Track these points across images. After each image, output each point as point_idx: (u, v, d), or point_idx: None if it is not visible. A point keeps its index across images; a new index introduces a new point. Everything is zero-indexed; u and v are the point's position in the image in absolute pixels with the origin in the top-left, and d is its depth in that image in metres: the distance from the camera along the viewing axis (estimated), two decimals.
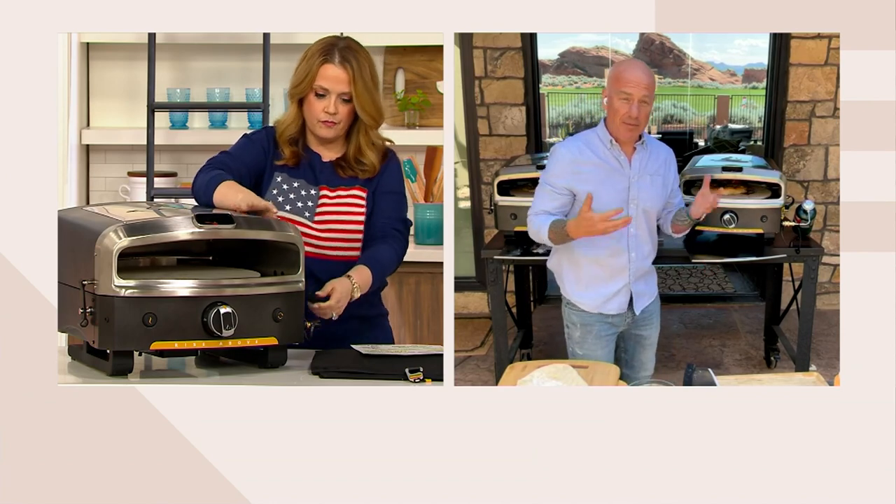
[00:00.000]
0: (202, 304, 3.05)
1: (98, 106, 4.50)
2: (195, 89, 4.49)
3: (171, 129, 4.49)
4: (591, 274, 3.87)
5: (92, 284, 3.02)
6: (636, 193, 3.81)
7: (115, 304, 2.99)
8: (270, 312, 3.14)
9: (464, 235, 6.30)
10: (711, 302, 6.65)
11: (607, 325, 3.91)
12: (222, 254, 3.39)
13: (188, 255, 3.39)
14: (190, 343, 3.06)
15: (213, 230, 3.12)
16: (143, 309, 3.01)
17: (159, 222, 3.11)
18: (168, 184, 4.49)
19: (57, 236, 3.14)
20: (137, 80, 4.41)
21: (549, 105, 7.71)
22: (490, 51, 6.06)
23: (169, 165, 4.58)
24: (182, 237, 3.10)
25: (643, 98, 3.73)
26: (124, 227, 3.04)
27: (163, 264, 3.37)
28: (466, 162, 6.28)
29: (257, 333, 3.13)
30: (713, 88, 8.43)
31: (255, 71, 4.30)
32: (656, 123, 8.54)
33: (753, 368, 5.41)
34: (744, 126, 8.35)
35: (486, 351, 5.68)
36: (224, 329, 3.06)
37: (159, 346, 3.04)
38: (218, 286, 3.10)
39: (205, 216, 3.12)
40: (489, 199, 4.85)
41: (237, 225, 3.15)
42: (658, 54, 8.32)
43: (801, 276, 4.59)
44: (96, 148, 4.52)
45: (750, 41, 7.80)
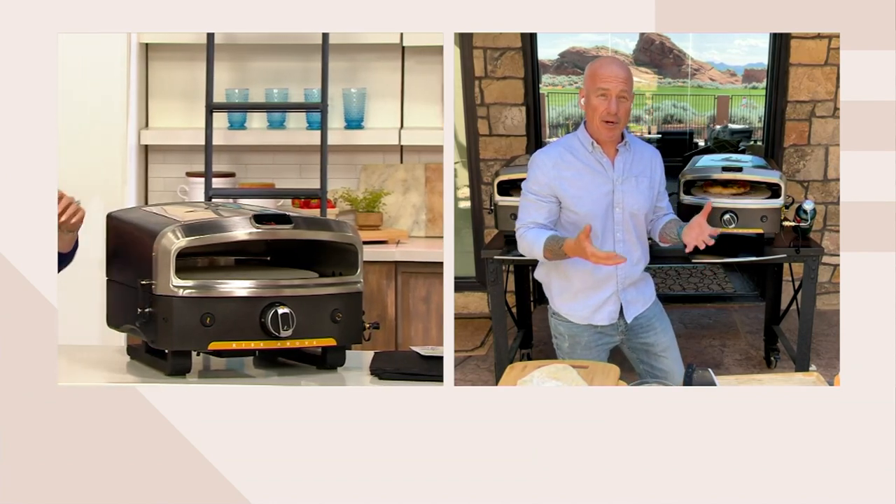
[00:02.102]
0: (260, 304, 3.07)
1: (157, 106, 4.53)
2: (254, 90, 4.52)
3: (230, 129, 4.52)
4: (579, 284, 3.77)
5: (150, 284, 3.04)
6: (621, 197, 3.71)
7: (174, 304, 3.01)
8: (329, 313, 3.15)
9: (464, 235, 6.30)
10: (711, 302, 6.65)
11: (597, 335, 3.82)
12: (280, 254, 3.39)
13: (246, 255, 3.41)
14: (248, 343, 3.07)
15: (271, 230, 3.13)
16: (201, 309, 3.03)
17: (217, 222, 3.12)
18: (226, 184, 4.51)
19: (114, 237, 3.22)
20: (196, 80, 4.44)
21: (549, 105, 7.71)
22: (490, 51, 6.06)
23: (227, 166, 4.60)
24: (240, 237, 3.12)
25: (621, 93, 3.63)
26: (182, 227, 3.06)
27: (221, 264, 3.38)
28: (466, 162, 6.28)
29: (316, 334, 3.14)
30: (713, 88, 8.43)
31: (314, 71, 4.33)
32: (656, 123, 8.54)
33: (753, 368, 5.41)
34: (744, 126, 8.36)
35: (486, 351, 5.68)
36: (282, 329, 3.07)
37: (217, 347, 3.06)
38: (276, 286, 3.11)
39: (262, 216, 3.13)
40: (489, 199, 4.85)
41: (295, 225, 3.16)
42: (658, 54, 8.32)
43: (801, 276, 4.58)
44: (155, 148, 4.55)
45: (750, 41, 7.80)
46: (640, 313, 3.85)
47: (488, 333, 5.68)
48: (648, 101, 8.64)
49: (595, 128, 3.70)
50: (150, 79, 4.49)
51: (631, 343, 3.89)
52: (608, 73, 3.66)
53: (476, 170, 6.21)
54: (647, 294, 3.89)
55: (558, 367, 3.16)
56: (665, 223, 3.86)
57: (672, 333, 3.94)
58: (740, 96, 8.40)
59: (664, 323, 3.92)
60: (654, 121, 8.52)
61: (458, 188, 6.27)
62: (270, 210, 3.29)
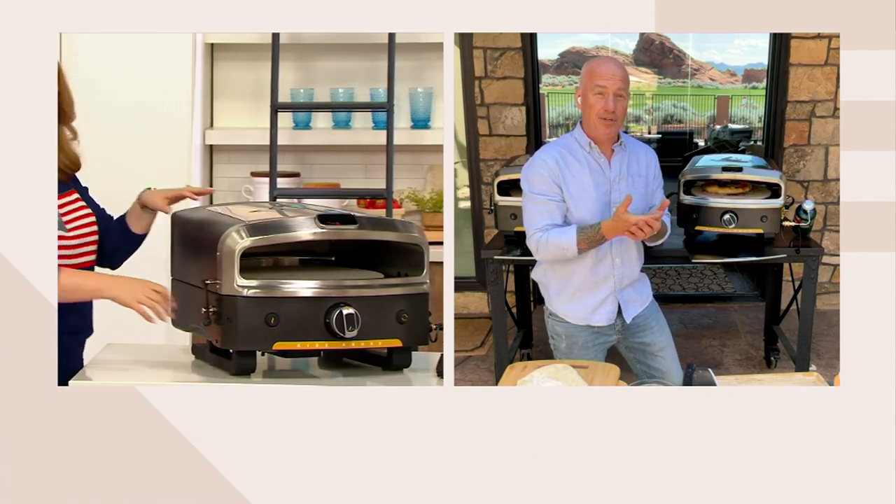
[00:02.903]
0: (325, 304, 3.04)
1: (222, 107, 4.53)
2: (319, 89, 4.52)
3: (295, 129, 4.52)
4: (576, 283, 3.76)
5: (215, 284, 3.03)
6: (618, 196, 3.69)
7: (238, 303, 3.00)
8: (394, 314, 3.13)
9: (464, 235, 6.30)
10: (711, 302, 6.65)
11: (594, 335, 3.81)
12: (345, 254, 3.37)
13: (311, 255, 3.39)
14: (312, 344, 3.05)
15: (336, 230, 3.10)
16: (265, 309, 3.01)
17: (282, 222, 3.10)
18: (291, 184, 4.52)
19: (179, 236, 3.21)
20: (261, 80, 4.45)
21: (549, 105, 7.72)
22: (490, 51, 6.06)
23: (292, 165, 4.60)
24: (304, 237, 3.10)
25: (618, 91, 3.63)
26: (247, 227, 3.05)
27: (285, 264, 3.37)
28: (466, 162, 6.28)
29: (381, 335, 3.12)
30: (713, 88, 8.43)
31: (380, 71, 4.32)
32: (656, 123, 8.55)
33: (753, 368, 5.41)
34: (744, 126, 8.36)
35: (486, 351, 5.69)
36: (347, 330, 3.05)
37: (282, 347, 3.04)
38: (341, 287, 3.09)
39: (327, 216, 3.12)
40: (489, 199, 4.85)
41: (360, 225, 3.13)
42: (658, 54, 8.33)
43: (801, 276, 4.59)
44: (220, 148, 4.56)
45: (750, 41, 7.81)
46: (637, 313, 3.85)
47: (488, 333, 5.69)
48: (648, 101, 8.65)
49: (592, 126, 3.70)
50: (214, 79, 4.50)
51: (628, 343, 3.89)
52: (605, 70, 3.67)
53: (476, 170, 6.21)
54: (645, 294, 3.90)
55: (558, 367, 3.16)
56: None
57: (669, 333, 3.93)
58: (740, 96, 8.41)
59: (661, 323, 3.91)
60: (654, 121, 8.53)
61: (458, 188, 6.27)
62: (335, 210, 3.27)
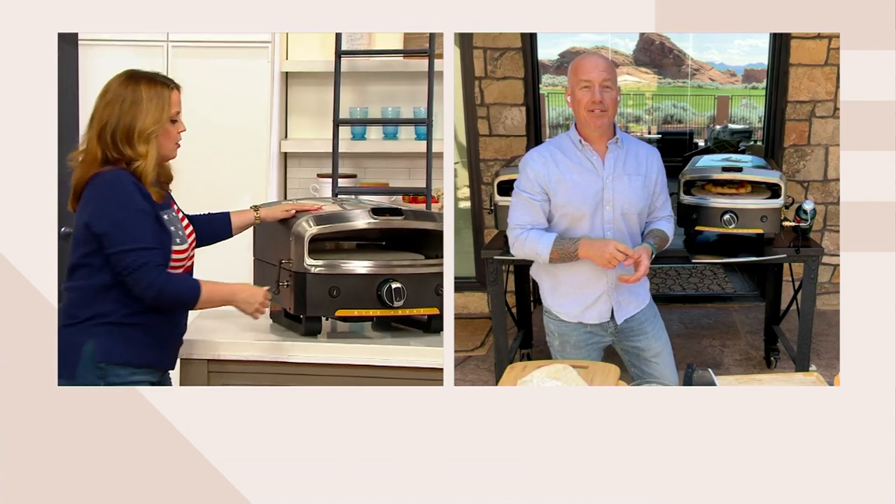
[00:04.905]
0: (377, 280, 3.74)
1: (294, 122, 5.53)
2: (372, 108, 5.45)
3: (352, 139, 5.41)
4: (569, 281, 3.74)
5: (289, 262, 3.74)
6: (611, 195, 3.67)
7: (307, 279, 3.70)
8: (433, 288, 3.79)
9: (464, 235, 6.30)
10: (711, 302, 6.65)
11: (587, 335, 3.78)
12: (393, 240, 4.08)
13: (365, 240, 4.11)
14: (367, 311, 3.74)
15: (386, 221, 3.81)
16: (329, 283, 3.71)
17: (342, 214, 3.84)
18: (349, 183, 5.36)
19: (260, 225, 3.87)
20: (325, 100, 5.39)
21: (549, 105, 7.72)
22: (490, 51, 6.06)
23: (350, 169, 5.47)
24: (360, 226, 3.83)
25: (604, 82, 3.61)
26: (314, 217, 3.79)
27: (345, 248, 4.08)
28: (466, 162, 6.28)
29: (422, 304, 3.79)
30: (713, 88, 8.44)
31: (421, 93, 5.28)
32: (656, 123, 8.55)
33: (753, 368, 5.41)
34: (744, 126, 8.37)
35: (486, 351, 5.69)
36: (395, 300, 3.73)
37: (342, 314, 3.73)
38: (390, 266, 3.78)
39: (378, 209, 3.84)
40: (489, 199, 4.86)
41: (405, 217, 3.84)
42: (658, 54, 8.33)
43: (801, 276, 4.58)
44: (292, 155, 5.51)
45: (750, 41, 7.81)
46: (631, 315, 3.79)
47: (488, 333, 5.69)
48: (648, 101, 8.66)
49: (582, 121, 3.68)
50: (289, 100, 5.52)
51: (622, 345, 3.84)
52: (588, 64, 3.66)
53: (476, 170, 6.21)
54: (642, 295, 3.83)
55: (558, 367, 3.16)
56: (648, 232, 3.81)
57: (666, 339, 3.88)
58: (740, 96, 8.41)
59: (657, 328, 3.85)
60: (654, 121, 8.53)
61: (459, 188, 6.28)
62: (385, 204, 4.01)
